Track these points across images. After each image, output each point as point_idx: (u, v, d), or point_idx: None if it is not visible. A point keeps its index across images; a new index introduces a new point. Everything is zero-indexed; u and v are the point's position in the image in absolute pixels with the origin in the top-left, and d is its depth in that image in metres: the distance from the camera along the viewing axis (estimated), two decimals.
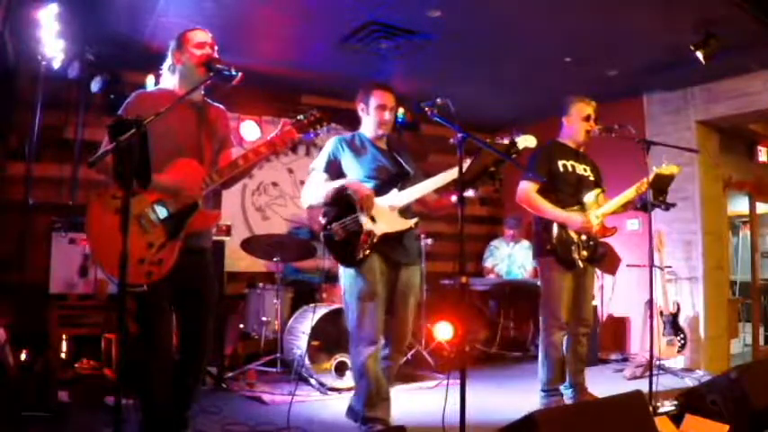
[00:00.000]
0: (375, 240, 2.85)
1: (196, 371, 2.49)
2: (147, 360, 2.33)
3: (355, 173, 2.99)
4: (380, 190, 2.94)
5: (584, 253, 3.42)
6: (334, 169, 3.01)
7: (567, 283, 3.46)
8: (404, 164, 3.07)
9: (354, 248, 2.85)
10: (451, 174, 2.83)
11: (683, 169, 3.49)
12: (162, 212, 2.31)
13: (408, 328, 3.07)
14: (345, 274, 2.96)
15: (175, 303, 2.41)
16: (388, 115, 3.06)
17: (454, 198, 2.81)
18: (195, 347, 2.45)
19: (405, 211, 2.97)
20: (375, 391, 2.86)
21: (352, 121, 3.29)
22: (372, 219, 2.86)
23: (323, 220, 2.97)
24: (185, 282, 2.37)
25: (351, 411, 3.10)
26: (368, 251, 2.84)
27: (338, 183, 2.94)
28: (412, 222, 2.95)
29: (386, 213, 2.90)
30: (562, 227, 3.43)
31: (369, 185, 2.92)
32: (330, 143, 3.09)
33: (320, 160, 3.06)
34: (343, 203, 2.91)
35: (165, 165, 2.31)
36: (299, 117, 2.54)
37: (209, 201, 2.46)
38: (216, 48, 2.51)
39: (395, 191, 2.94)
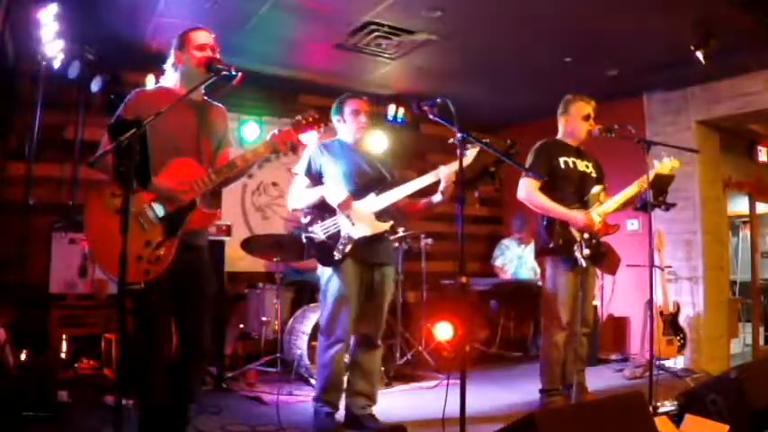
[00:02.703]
0: (353, 243, 3.03)
1: (196, 369, 2.49)
2: (145, 359, 2.33)
3: (335, 176, 3.12)
4: (358, 193, 3.09)
5: (587, 251, 3.40)
6: (314, 173, 3.16)
7: (569, 283, 3.45)
8: (382, 169, 3.21)
9: (333, 250, 3.03)
10: (426, 179, 3.02)
11: (682, 163, 3.48)
12: (160, 211, 2.31)
13: (382, 321, 3.27)
14: (324, 274, 3.15)
15: (174, 302, 2.41)
16: (363, 118, 3.21)
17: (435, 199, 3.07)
18: (195, 345, 2.45)
19: (381, 215, 3.10)
20: (333, 381, 3.12)
21: None
22: (351, 222, 3.03)
23: (305, 221, 3.13)
24: (183, 280, 2.37)
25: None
26: (346, 252, 3.02)
27: (318, 191, 3.09)
28: (387, 225, 3.11)
29: (364, 217, 3.06)
30: (564, 225, 3.42)
31: (346, 189, 3.07)
32: (310, 148, 3.22)
33: (302, 165, 3.20)
34: (324, 207, 3.08)
35: (163, 164, 2.31)
36: (297, 118, 2.55)
37: (207, 200, 2.46)
38: (217, 49, 2.51)
39: (372, 195, 3.09)
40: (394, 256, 3.32)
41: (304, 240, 3.14)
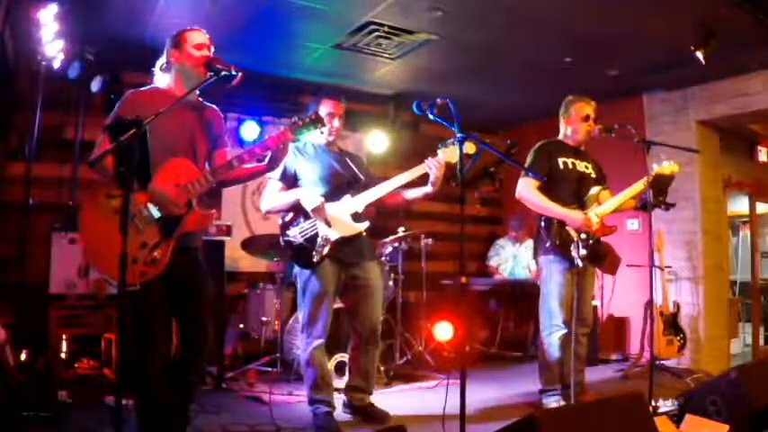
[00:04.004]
0: (331, 244, 3.08)
1: (196, 369, 2.49)
2: (143, 360, 2.32)
3: (310, 178, 3.19)
4: (334, 195, 3.15)
5: (584, 252, 3.40)
6: (288, 177, 3.21)
7: (566, 282, 3.45)
8: (355, 170, 3.28)
9: (311, 252, 3.07)
10: (401, 179, 3.10)
11: (684, 168, 3.48)
12: (156, 212, 2.31)
13: (376, 319, 3.29)
14: (300, 275, 3.19)
15: (173, 303, 2.40)
16: (337, 122, 3.27)
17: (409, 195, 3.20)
18: (195, 345, 2.44)
19: (357, 216, 3.17)
20: (320, 377, 3.17)
21: (351, 121, 3.32)
22: (328, 224, 3.06)
23: (280, 221, 3.19)
24: (179, 281, 2.36)
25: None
26: (324, 254, 3.07)
27: (293, 194, 3.13)
28: (363, 227, 3.17)
29: (340, 219, 3.11)
30: (562, 225, 3.43)
31: (322, 190, 3.13)
32: None
33: (276, 170, 3.19)
34: (300, 210, 3.11)
35: (159, 164, 2.31)
36: (293, 119, 2.56)
37: (203, 201, 2.45)
38: (212, 49, 2.51)
39: (348, 196, 3.16)
40: (372, 252, 3.38)
41: (282, 244, 3.18)
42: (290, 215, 3.16)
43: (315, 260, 3.07)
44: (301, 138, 2.59)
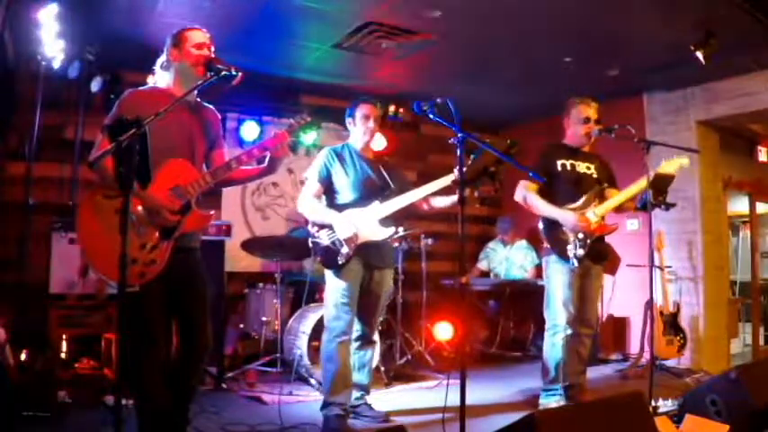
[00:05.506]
0: (355, 248, 3.16)
1: (195, 369, 2.48)
2: (142, 361, 2.31)
3: (343, 183, 3.28)
4: (364, 200, 3.25)
5: (581, 251, 3.41)
6: (326, 179, 3.31)
7: (567, 283, 3.45)
8: (387, 177, 3.36)
9: (337, 254, 3.16)
10: (430, 188, 3.17)
11: (688, 162, 3.48)
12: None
13: (376, 321, 3.49)
14: (327, 273, 3.29)
15: (172, 304, 2.40)
16: (372, 124, 3.37)
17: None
18: (195, 345, 2.44)
19: (384, 221, 3.24)
20: (340, 377, 3.18)
21: None
22: (353, 250, 3.15)
23: (312, 229, 3.27)
24: (178, 281, 2.36)
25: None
26: (350, 255, 3.15)
27: (328, 218, 3.21)
28: (390, 232, 3.25)
29: (367, 222, 3.19)
30: (558, 225, 3.45)
31: (353, 196, 3.25)
32: (322, 154, 3.38)
33: (314, 170, 3.35)
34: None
35: (158, 165, 2.30)
36: (290, 121, 2.59)
37: (201, 201, 2.45)
38: (213, 48, 2.51)
39: (377, 202, 3.23)
40: (393, 259, 3.50)
41: (310, 245, 3.28)
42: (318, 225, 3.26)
43: (340, 262, 3.15)
44: (299, 138, 2.61)
